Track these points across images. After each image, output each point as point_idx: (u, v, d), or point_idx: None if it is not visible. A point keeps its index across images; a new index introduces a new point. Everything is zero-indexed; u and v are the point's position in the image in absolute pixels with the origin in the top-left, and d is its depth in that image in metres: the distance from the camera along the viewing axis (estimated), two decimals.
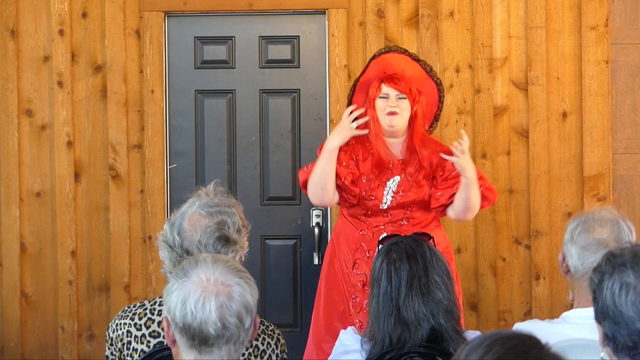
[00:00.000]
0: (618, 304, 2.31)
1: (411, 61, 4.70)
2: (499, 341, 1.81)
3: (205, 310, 2.28)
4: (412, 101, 4.63)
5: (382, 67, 4.67)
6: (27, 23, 5.70)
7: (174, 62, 5.77)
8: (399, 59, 4.69)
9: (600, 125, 5.65)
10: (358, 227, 4.67)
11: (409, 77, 4.66)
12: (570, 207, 5.64)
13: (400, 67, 4.67)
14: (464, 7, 5.65)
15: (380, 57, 4.70)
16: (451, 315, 3.05)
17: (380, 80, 4.64)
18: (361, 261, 4.62)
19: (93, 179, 5.69)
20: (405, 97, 4.62)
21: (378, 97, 4.63)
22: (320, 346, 4.65)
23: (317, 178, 4.63)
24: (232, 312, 2.29)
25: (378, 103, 4.63)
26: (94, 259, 5.69)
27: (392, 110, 4.60)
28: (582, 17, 5.65)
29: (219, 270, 2.33)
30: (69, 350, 5.67)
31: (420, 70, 4.70)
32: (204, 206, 3.13)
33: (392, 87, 4.62)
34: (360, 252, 4.64)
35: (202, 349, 2.31)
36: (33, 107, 5.69)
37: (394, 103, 4.60)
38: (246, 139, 5.78)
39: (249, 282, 2.35)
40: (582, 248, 3.08)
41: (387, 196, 4.62)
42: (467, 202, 4.58)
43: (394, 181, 4.63)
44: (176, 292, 2.32)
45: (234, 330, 2.29)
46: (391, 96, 4.62)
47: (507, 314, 5.65)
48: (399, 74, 4.65)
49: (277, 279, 5.76)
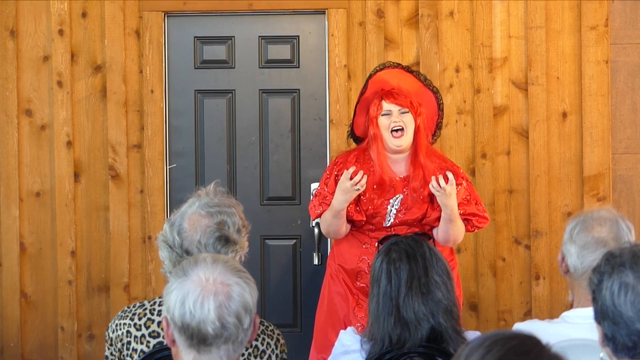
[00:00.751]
0: (617, 304, 2.31)
1: (405, 74, 4.65)
2: (500, 341, 1.81)
3: (204, 309, 2.28)
4: (415, 114, 4.58)
5: (379, 84, 4.61)
6: (26, 23, 5.70)
7: (173, 62, 5.77)
8: (393, 74, 4.63)
9: (600, 125, 5.65)
10: (361, 240, 4.66)
11: (407, 91, 4.62)
12: (570, 207, 5.64)
13: (396, 81, 4.62)
14: (463, 7, 5.65)
15: (375, 76, 4.63)
16: (451, 315, 3.05)
17: (380, 98, 4.58)
18: (364, 273, 4.61)
19: (93, 179, 5.69)
20: (407, 111, 4.57)
21: (380, 115, 4.57)
22: (322, 355, 4.64)
23: (328, 229, 4.64)
24: (230, 312, 2.29)
25: (381, 120, 4.56)
26: (94, 259, 5.69)
27: (396, 125, 4.55)
28: (582, 17, 5.65)
29: (218, 270, 2.33)
30: (68, 350, 5.67)
31: (415, 82, 4.65)
32: (204, 206, 3.13)
33: (393, 102, 4.56)
34: (363, 264, 4.63)
35: (201, 348, 2.30)
36: (33, 107, 5.69)
37: (397, 118, 4.55)
38: (246, 139, 5.78)
39: (248, 282, 2.35)
40: (581, 247, 3.07)
41: (390, 214, 4.61)
42: (446, 235, 4.56)
43: (397, 199, 4.61)
44: (175, 292, 2.32)
45: (232, 330, 2.29)
46: (394, 112, 4.56)
47: (507, 314, 5.65)
48: (397, 89, 4.60)
49: (277, 279, 5.76)
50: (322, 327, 4.71)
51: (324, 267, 5.53)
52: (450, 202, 4.44)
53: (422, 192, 4.57)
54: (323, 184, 4.68)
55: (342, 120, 5.60)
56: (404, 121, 4.56)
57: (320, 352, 4.66)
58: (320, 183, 4.74)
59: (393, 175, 4.60)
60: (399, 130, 4.55)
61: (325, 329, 4.71)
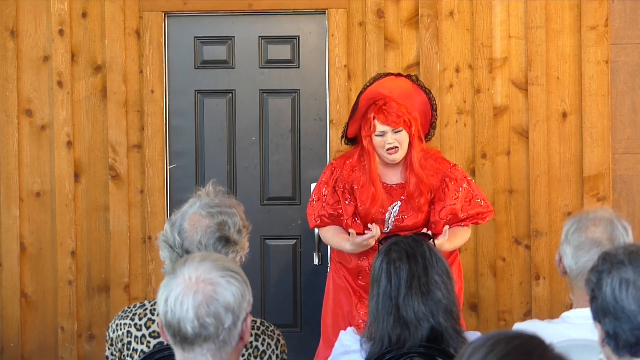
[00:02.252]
0: (619, 299, 2.31)
1: (395, 79, 4.67)
2: (503, 340, 1.81)
3: (183, 308, 2.29)
4: (409, 129, 4.61)
5: (371, 97, 4.62)
6: (26, 23, 5.70)
7: (173, 62, 5.77)
8: (384, 82, 4.64)
9: (600, 125, 5.65)
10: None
11: (397, 97, 4.62)
12: (570, 207, 5.64)
13: (388, 89, 4.63)
14: (463, 7, 5.65)
15: (367, 91, 4.64)
16: (451, 314, 3.05)
17: (373, 117, 4.59)
18: (365, 272, 4.63)
19: (93, 179, 5.69)
20: (401, 129, 4.59)
21: (374, 135, 4.60)
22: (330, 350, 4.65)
23: (328, 244, 4.80)
24: (209, 312, 2.29)
25: (375, 140, 4.60)
26: (94, 259, 5.69)
27: (390, 146, 4.59)
28: (582, 17, 5.65)
29: (203, 268, 2.33)
30: (68, 350, 5.67)
31: (407, 84, 4.67)
32: (204, 206, 3.13)
33: (385, 124, 4.57)
34: (364, 262, 4.65)
35: (184, 346, 2.32)
36: (33, 107, 5.69)
37: (391, 139, 4.58)
38: (246, 139, 5.78)
39: (233, 281, 2.33)
40: (575, 247, 3.08)
41: (388, 221, 4.63)
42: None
43: (396, 206, 4.63)
44: (162, 289, 2.35)
45: (211, 329, 2.29)
46: (387, 133, 4.59)
47: (506, 314, 5.65)
48: (388, 105, 4.59)
49: (277, 279, 5.75)
50: (329, 323, 4.72)
51: (324, 267, 5.54)
52: (444, 246, 4.47)
53: (419, 200, 4.59)
54: (321, 189, 4.70)
55: (342, 120, 5.59)
56: (398, 140, 4.59)
57: (329, 348, 4.66)
58: (316, 187, 4.76)
59: (388, 183, 4.63)
60: (393, 148, 4.60)
61: (328, 322, 4.72)
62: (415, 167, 4.62)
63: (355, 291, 4.67)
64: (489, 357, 1.79)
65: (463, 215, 4.62)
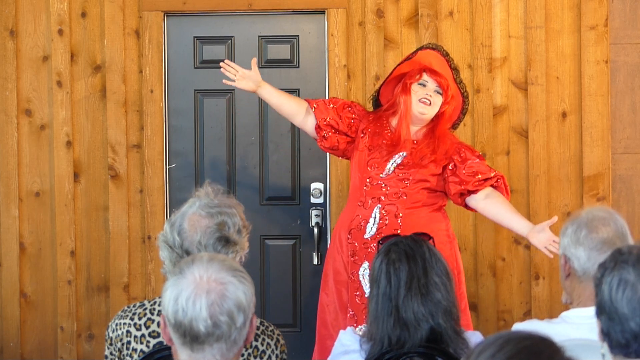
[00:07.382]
0: (614, 300, 2.31)
1: (448, 69, 4.76)
2: (513, 340, 1.81)
3: (196, 307, 2.29)
4: (445, 99, 4.71)
5: (428, 59, 4.73)
6: (26, 23, 5.69)
7: (173, 62, 5.77)
8: (442, 63, 4.74)
9: (599, 125, 5.66)
10: (357, 198, 4.68)
11: (447, 80, 4.73)
12: (569, 207, 5.64)
13: (439, 68, 4.73)
14: (463, 7, 5.66)
15: (427, 51, 4.76)
16: (450, 315, 3.05)
17: (422, 70, 4.69)
18: (355, 231, 4.64)
19: (92, 178, 5.69)
20: (441, 92, 4.69)
21: (416, 83, 4.68)
22: (325, 343, 4.65)
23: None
24: (223, 310, 2.29)
25: (414, 87, 4.69)
26: (93, 259, 5.69)
27: (426, 98, 4.66)
28: (582, 17, 5.65)
29: (213, 268, 2.33)
30: (68, 350, 5.67)
31: (450, 75, 4.75)
32: (204, 207, 3.13)
33: (433, 78, 4.68)
34: (356, 221, 4.65)
35: (194, 346, 2.31)
36: (32, 107, 5.69)
37: (430, 92, 4.67)
38: (246, 139, 5.78)
39: (244, 281, 2.34)
40: (591, 249, 3.06)
41: (389, 166, 4.66)
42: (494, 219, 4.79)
43: (401, 155, 4.67)
44: (170, 289, 2.34)
45: (225, 328, 2.29)
46: (429, 86, 4.69)
47: (506, 314, 5.65)
48: (441, 73, 4.72)
49: (277, 279, 5.75)
50: (327, 312, 4.73)
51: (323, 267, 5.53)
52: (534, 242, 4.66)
53: (427, 153, 4.65)
54: (342, 101, 4.85)
55: None
56: (434, 99, 4.67)
57: (324, 353, 4.66)
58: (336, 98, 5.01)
59: (408, 137, 4.68)
60: (428, 100, 4.67)
61: (326, 318, 4.72)
62: (439, 133, 4.69)
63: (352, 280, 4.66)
64: (498, 356, 1.79)
65: (492, 173, 4.68)
